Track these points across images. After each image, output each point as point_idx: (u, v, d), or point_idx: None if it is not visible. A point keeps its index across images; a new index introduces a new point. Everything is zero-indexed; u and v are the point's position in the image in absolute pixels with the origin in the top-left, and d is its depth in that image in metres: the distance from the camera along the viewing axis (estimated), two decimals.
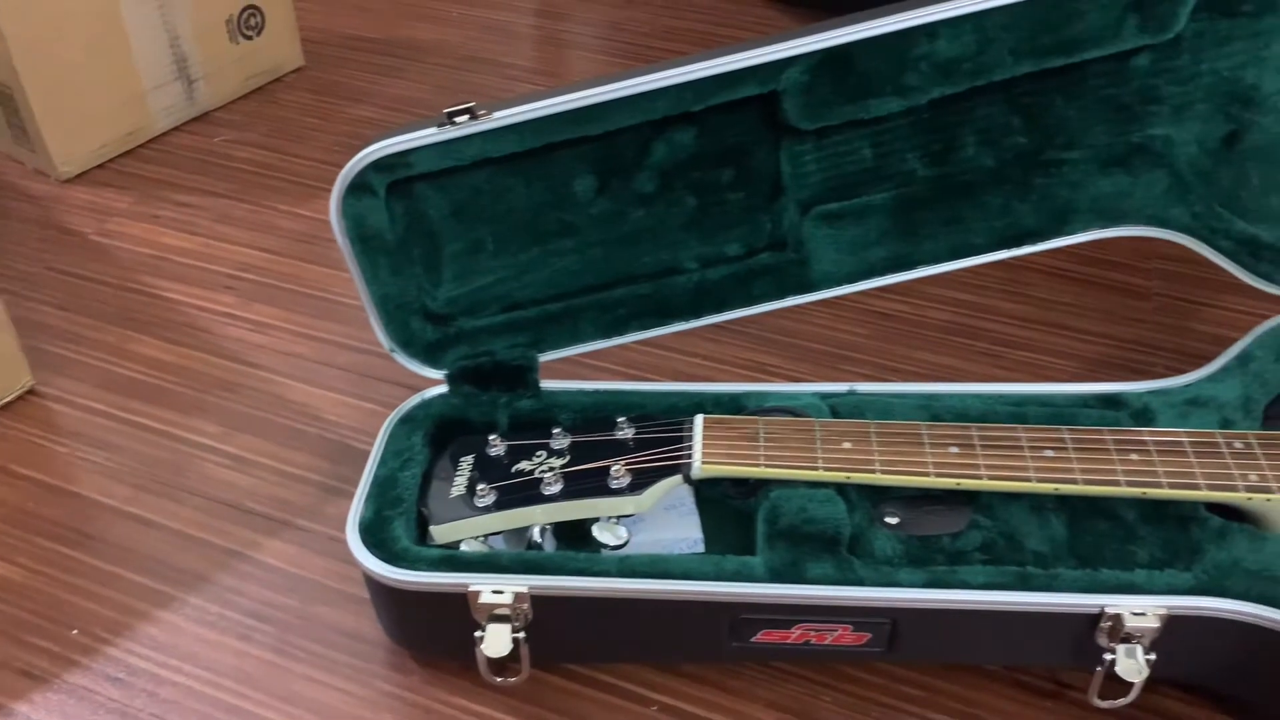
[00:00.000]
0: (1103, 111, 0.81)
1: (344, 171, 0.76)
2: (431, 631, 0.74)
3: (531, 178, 0.80)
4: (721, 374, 1.01)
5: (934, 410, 0.81)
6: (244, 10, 1.36)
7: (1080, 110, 0.80)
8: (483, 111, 0.75)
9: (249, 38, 1.37)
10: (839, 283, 0.84)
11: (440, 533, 0.74)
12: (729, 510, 0.79)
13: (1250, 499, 0.71)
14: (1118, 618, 0.67)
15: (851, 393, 0.83)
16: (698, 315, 0.84)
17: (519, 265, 0.83)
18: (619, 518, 0.74)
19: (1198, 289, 1.09)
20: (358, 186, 0.76)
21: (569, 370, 0.89)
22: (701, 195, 0.82)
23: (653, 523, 0.79)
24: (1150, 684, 0.73)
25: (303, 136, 1.33)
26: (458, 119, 0.74)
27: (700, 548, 0.78)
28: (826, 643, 0.71)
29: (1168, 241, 0.85)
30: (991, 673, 0.77)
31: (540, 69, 1.47)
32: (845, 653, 0.72)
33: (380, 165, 0.75)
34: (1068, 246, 0.86)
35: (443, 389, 0.84)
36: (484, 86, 1.42)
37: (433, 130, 0.75)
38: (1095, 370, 1.00)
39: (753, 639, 0.71)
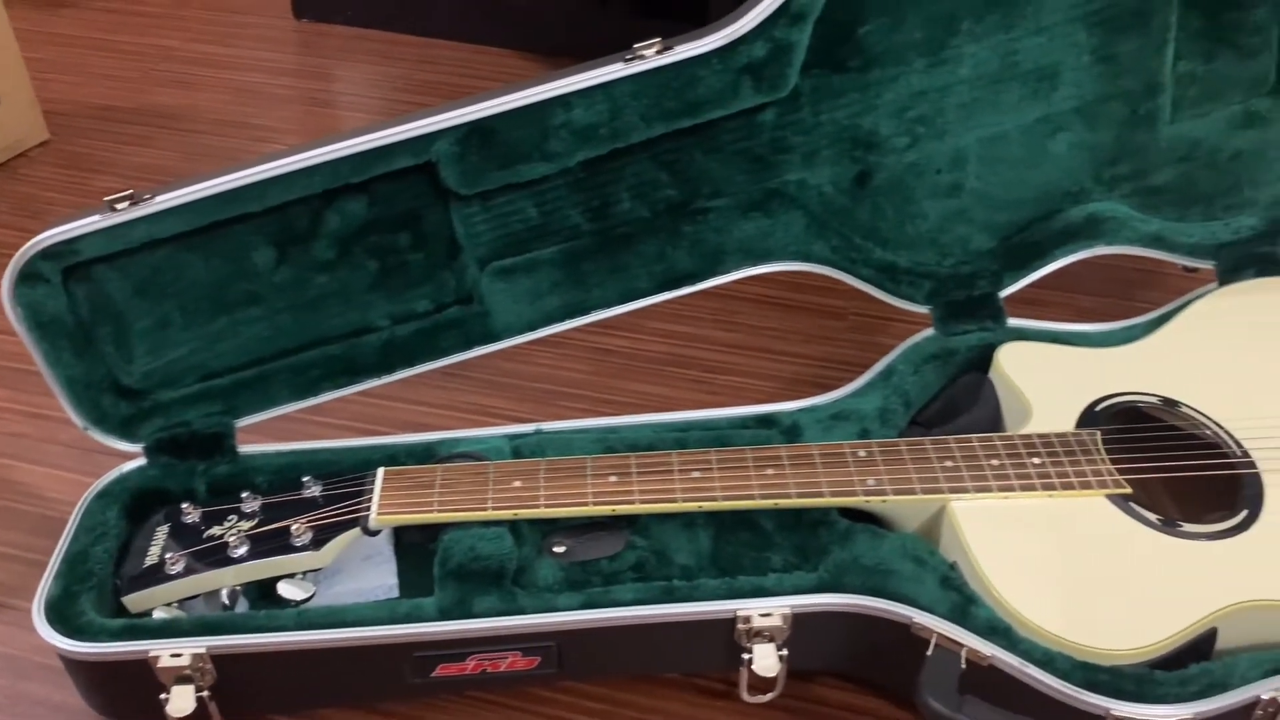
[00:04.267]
0: (740, 163, 0.89)
1: (13, 262, 0.78)
2: (125, 698, 0.77)
3: (209, 253, 0.84)
4: (449, 420, 1.06)
5: (609, 443, 0.88)
6: None
7: (720, 163, 0.89)
8: (146, 196, 0.79)
9: None
10: (520, 331, 0.90)
11: (132, 602, 0.77)
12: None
13: (868, 501, 0.80)
14: (749, 619, 0.75)
15: (538, 432, 0.90)
16: (389, 371, 0.89)
17: (210, 336, 0.86)
18: (305, 573, 0.78)
19: (889, 306, 1.19)
20: (29, 276, 0.79)
21: (294, 429, 0.92)
22: (382, 258, 0.87)
23: (351, 573, 0.83)
24: (810, 675, 0.82)
25: (45, 212, 1.33)
26: (119, 205, 0.78)
27: (395, 593, 0.82)
28: (501, 670, 0.77)
29: None
30: (669, 680, 0.84)
31: (292, 129, 1.51)
32: (524, 676, 0.78)
33: (49, 254, 0.78)
34: (775, 274, 0.94)
35: (142, 461, 0.86)
36: (234, 150, 1.45)
37: (96, 217, 0.78)
38: (790, 388, 1.09)
39: (433, 674, 0.77)
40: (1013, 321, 0.97)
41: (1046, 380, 0.88)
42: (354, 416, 1.05)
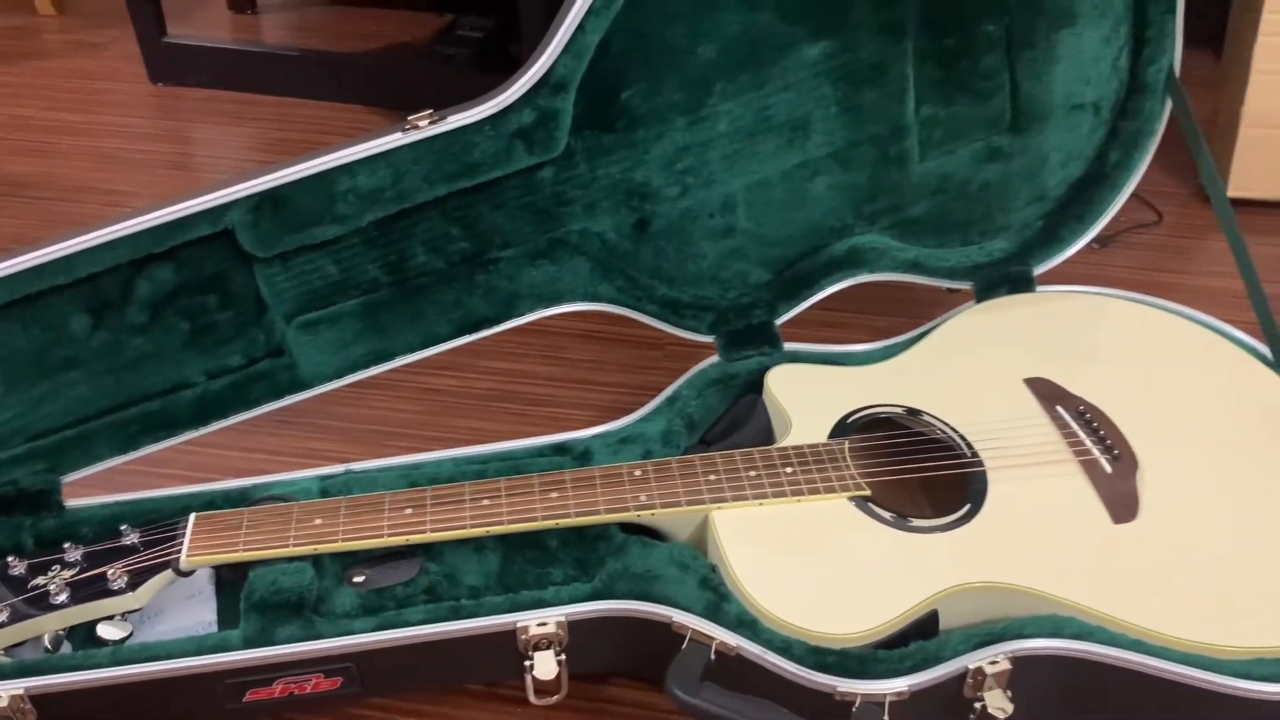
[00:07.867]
0: (525, 216, 0.98)
1: None
2: None
3: (27, 323, 0.90)
4: (280, 465, 1.12)
5: (413, 478, 0.96)
6: None
7: (506, 217, 0.98)
8: None
9: None
10: (328, 379, 0.98)
11: None
12: None
13: (639, 515, 0.89)
14: (528, 630, 0.83)
15: (348, 472, 0.97)
16: (205, 423, 0.96)
17: (33, 400, 0.92)
18: (125, 614, 0.85)
19: None
20: None
21: (131, 480, 0.98)
22: (193, 319, 0.94)
23: (174, 612, 0.90)
24: (602, 677, 0.91)
25: None
26: None
27: (214, 629, 0.89)
28: (308, 691, 0.84)
29: None
30: (475, 691, 0.92)
31: (148, 193, 1.56)
32: (333, 696, 0.85)
33: None
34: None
35: None
36: (89, 216, 1.50)
37: None
38: (606, 416, 1.17)
39: (244, 700, 0.83)
40: (790, 345, 1.07)
41: (807, 397, 0.98)
42: (190, 466, 1.11)
